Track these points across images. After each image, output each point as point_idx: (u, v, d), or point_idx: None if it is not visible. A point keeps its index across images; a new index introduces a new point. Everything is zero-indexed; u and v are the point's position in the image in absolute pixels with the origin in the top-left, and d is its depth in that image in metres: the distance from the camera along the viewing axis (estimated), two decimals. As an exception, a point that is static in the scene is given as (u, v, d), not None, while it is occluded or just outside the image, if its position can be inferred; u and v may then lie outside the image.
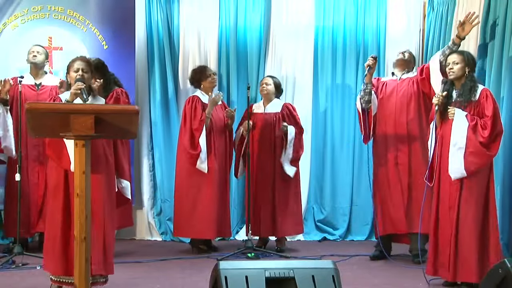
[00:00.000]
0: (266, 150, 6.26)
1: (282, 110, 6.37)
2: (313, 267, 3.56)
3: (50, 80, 6.18)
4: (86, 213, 3.38)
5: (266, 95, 6.36)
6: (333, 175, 7.21)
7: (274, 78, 6.46)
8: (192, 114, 6.18)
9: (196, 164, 6.07)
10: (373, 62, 5.80)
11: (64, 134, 3.41)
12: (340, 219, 7.16)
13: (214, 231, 6.16)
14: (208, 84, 6.31)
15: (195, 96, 6.30)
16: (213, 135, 6.20)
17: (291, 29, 7.15)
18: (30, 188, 5.94)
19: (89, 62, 4.52)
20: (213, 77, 6.34)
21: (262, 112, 6.35)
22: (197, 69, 6.48)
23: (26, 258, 5.50)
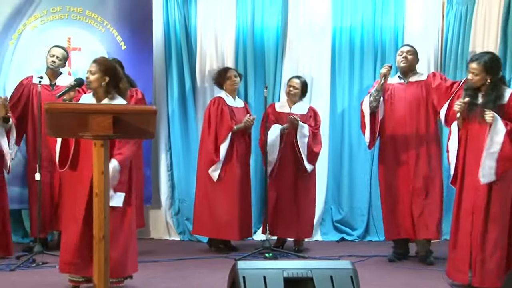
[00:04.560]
0: (289, 151, 6.23)
1: (308, 112, 6.34)
2: (331, 268, 3.55)
3: (65, 80, 6.20)
4: (105, 212, 3.38)
5: (293, 96, 6.33)
6: (351, 175, 7.18)
7: (301, 79, 6.42)
8: (218, 118, 6.17)
9: (209, 169, 6.09)
10: (389, 71, 5.73)
11: (83, 134, 3.42)
12: (358, 219, 7.12)
13: (237, 233, 6.17)
14: (229, 86, 6.31)
15: (220, 98, 6.28)
16: (235, 137, 6.20)
17: (308, 29, 7.12)
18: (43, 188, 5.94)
19: (102, 63, 4.51)
20: (234, 79, 6.31)
21: (288, 112, 6.32)
22: (219, 70, 6.48)
23: (46, 257, 5.53)
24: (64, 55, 6.18)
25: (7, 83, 6.44)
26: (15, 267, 5.32)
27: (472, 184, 4.76)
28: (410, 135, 5.73)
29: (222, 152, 6.10)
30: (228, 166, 6.16)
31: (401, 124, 5.75)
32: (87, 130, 3.36)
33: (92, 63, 4.52)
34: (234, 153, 6.17)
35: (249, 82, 7.11)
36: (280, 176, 6.24)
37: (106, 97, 4.52)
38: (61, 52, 6.16)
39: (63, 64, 6.18)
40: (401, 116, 5.75)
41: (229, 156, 6.15)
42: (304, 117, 6.30)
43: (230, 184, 6.15)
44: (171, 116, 7.06)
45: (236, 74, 6.38)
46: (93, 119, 3.34)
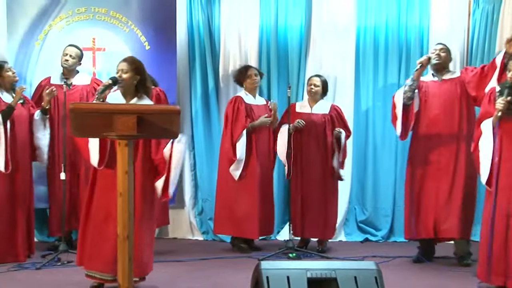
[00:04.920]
0: (313, 151, 6.22)
1: (330, 112, 6.32)
2: (356, 268, 3.53)
3: (81, 79, 6.25)
4: (129, 211, 3.40)
5: (313, 95, 6.32)
6: (375, 175, 7.13)
7: (322, 77, 6.40)
8: (233, 117, 6.19)
9: (230, 169, 6.11)
10: (426, 62, 5.66)
11: (107, 134, 3.44)
12: (382, 220, 7.08)
13: (257, 231, 6.17)
14: (249, 85, 6.31)
15: (238, 97, 6.30)
16: (256, 134, 6.19)
17: (332, 28, 7.09)
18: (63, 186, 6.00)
19: (132, 63, 4.54)
20: (254, 78, 6.31)
21: (309, 112, 6.31)
22: (239, 68, 6.49)
23: (71, 256, 5.57)
24: (78, 54, 6.20)
25: (33, 83, 6.50)
26: (40, 266, 5.38)
27: (507, 185, 4.66)
28: (444, 133, 5.65)
29: (239, 151, 6.10)
30: (249, 165, 6.16)
31: (435, 122, 5.66)
32: (112, 130, 3.38)
33: (122, 62, 4.53)
34: (254, 152, 6.17)
35: (273, 82, 7.10)
36: (306, 176, 6.22)
37: (135, 96, 4.55)
38: (74, 50, 6.19)
39: (77, 62, 6.20)
40: (435, 115, 5.67)
41: (249, 154, 6.15)
42: (326, 116, 6.28)
43: (250, 182, 6.15)
44: (194, 116, 7.09)
45: (256, 73, 6.38)
46: (118, 119, 3.36)
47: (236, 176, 6.14)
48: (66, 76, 6.06)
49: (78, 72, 6.28)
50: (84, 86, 6.21)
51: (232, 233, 6.33)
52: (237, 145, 6.12)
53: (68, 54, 6.15)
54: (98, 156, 4.38)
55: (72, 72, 6.21)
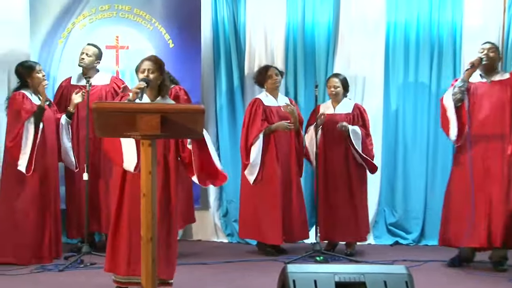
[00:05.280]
0: (337, 152, 6.20)
1: (353, 111, 6.30)
2: (385, 272, 3.51)
3: (101, 79, 6.30)
4: (153, 212, 3.42)
5: (335, 96, 6.30)
6: (405, 176, 7.08)
7: (340, 76, 6.38)
8: (250, 120, 6.20)
9: (245, 172, 6.13)
10: (478, 62, 5.52)
11: (130, 134, 3.45)
12: (413, 222, 7.02)
13: (280, 236, 6.15)
14: (270, 85, 6.30)
15: (257, 99, 6.31)
16: (276, 137, 6.19)
17: (361, 25, 7.05)
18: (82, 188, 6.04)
19: (157, 61, 4.59)
20: (275, 78, 6.29)
21: (332, 113, 6.29)
22: (259, 69, 6.49)
23: (94, 258, 5.63)
24: (95, 52, 6.25)
25: (57, 82, 6.58)
26: (63, 268, 5.44)
27: None
28: (493, 137, 5.51)
29: (253, 155, 6.12)
30: (267, 168, 6.16)
31: (484, 125, 5.53)
32: (135, 129, 3.40)
33: (147, 61, 4.57)
34: (274, 154, 6.16)
35: (299, 81, 7.09)
36: (331, 177, 6.21)
37: (158, 95, 4.60)
38: (92, 49, 6.24)
39: (94, 61, 6.25)
40: (484, 117, 5.54)
41: (268, 157, 6.15)
42: (349, 116, 6.26)
43: (270, 186, 6.15)
44: (219, 115, 7.11)
45: (277, 72, 6.36)
46: (141, 118, 3.37)
47: (251, 181, 6.16)
48: (86, 76, 6.10)
49: (98, 71, 6.34)
50: (103, 86, 6.26)
51: (257, 238, 6.34)
52: (252, 149, 6.13)
53: (85, 53, 6.21)
54: (136, 160, 4.34)
55: (92, 71, 6.25)
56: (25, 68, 5.75)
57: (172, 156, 4.57)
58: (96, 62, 6.27)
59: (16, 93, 5.71)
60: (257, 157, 6.13)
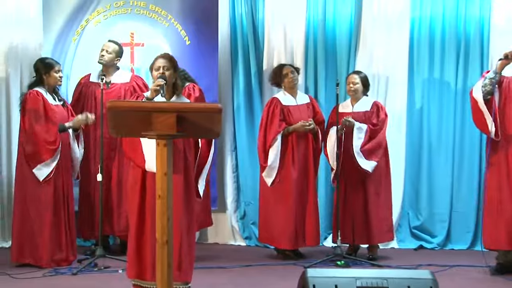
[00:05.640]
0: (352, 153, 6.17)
1: (371, 108, 6.27)
2: (409, 277, 3.49)
3: (121, 77, 6.33)
4: (168, 215, 3.42)
5: (354, 94, 6.28)
6: (430, 178, 7.04)
7: (360, 74, 6.36)
8: (268, 121, 6.19)
9: (262, 173, 6.12)
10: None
11: (146, 133, 3.46)
12: (438, 225, 6.98)
13: (291, 241, 6.15)
14: (288, 84, 6.29)
15: (274, 99, 6.31)
16: (293, 139, 6.18)
17: (384, 20, 7.02)
18: (96, 189, 6.08)
19: (170, 59, 4.65)
20: (291, 76, 6.28)
21: (350, 112, 6.27)
22: (273, 70, 6.49)
23: (108, 261, 5.66)
24: (116, 49, 6.28)
25: (70, 81, 6.64)
26: (77, 271, 5.47)
27: None
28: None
29: (271, 157, 6.12)
30: (283, 171, 6.16)
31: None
32: (150, 129, 3.41)
33: (161, 59, 4.62)
34: (290, 156, 6.15)
35: (320, 79, 7.07)
36: (350, 178, 6.19)
37: (173, 94, 4.64)
38: (112, 46, 6.27)
39: (115, 58, 6.28)
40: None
41: (285, 159, 6.15)
42: (367, 114, 6.23)
43: (284, 189, 6.15)
44: (236, 114, 7.11)
45: (292, 70, 6.34)
46: (156, 117, 3.38)
47: (268, 183, 6.17)
48: (104, 73, 6.12)
49: (118, 68, 6.37)
50: (122, 85, 6.29)
51: (272, 243, 6.35)
52: (270, 151, 6.13)
53: (105, 50, 6.24)
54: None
55: (111, 68, 6.29)
56: (44, 65, 5.79)
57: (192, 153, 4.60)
58: (116, 59, 6.31)
59: (33, 92, 5.73)
60: (276, 159, 6.14)
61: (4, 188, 6.74)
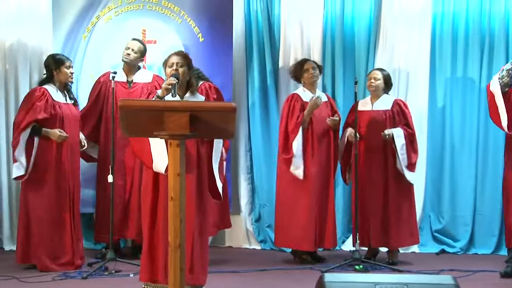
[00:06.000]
0: (375, 152, 6.17)
1: (392, 107, 6.25)
2: (430, 283, 3.49)
3: (143, 76, 6.36)
4: (181, 217, 3.43)
5: (374, 91, 6.27)
6: (452, 179, 7.02)
7: (383, 71, 6.35)
8: (289, 114, 6.19)
9: (290, 169, 6.09)
10: None
11: (158, 133, 3.48)
12: (461, 229, 6.96)
13: (312, 242, 6.15)
14: (307, 80, 6.29)
15: (294, 94, 6.30)
16: (313, 137, 6.18)
17: (405, 16, 7.00)
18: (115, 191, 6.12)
19: (185, 56, 4.68)
20: (311, 72, 6.27)
21: (370, 110, 6.26)
22: (295, 63, 6.48)
23: (119, 265, 5.68)
24: (141, 49, 6.32)
25: (80, 80, 6.67)
26: (87, 275, 5.49)
27: None
28: None
29: (295, 146, 6.07)
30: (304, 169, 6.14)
31: None
32: (163, 128, 3.42)
33: (174, 56, 4.65)
34: (310, 155, 6.14)
35: (338, 77, 7.07)
36: (369, 179, 6.18)
37: (187, 92, 4.67)
38: (137, 45, 6.31)
39: (140, 58, 6.33)
40: None
41: (306, 158, 6.13)
42: (388, 113, 6.22)
43: (306, 188, 6.13)
44: (251, 114, 7.12)
45: (314, 66, 6.34)
46: (169, 117, 3.39)
47: (300, 175, 6.10)
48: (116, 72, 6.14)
49: (139, 68, 6.40)
50: (145, 84, 6.30)
51: (290, 246, 6.33)
52: (293, 144, 6.10)
53: (131, 48, 6.27)
54: (166, 160, 4.33)
55: (134, 68, 6.33)
56: (55, 61, 5.82)
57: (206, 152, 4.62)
58: (140, 59, 6.35)
59: (37, 88, 5.77)
60: (299, 149, 6.09)
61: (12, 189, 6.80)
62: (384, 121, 6.19)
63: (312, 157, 6.16)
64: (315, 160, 6.16)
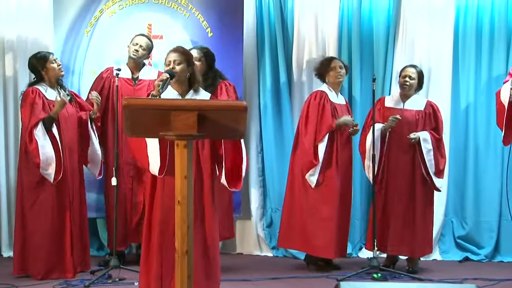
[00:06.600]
0: (403, 153, 6.16)
1: (425, 109, 6.24)
2: (453, 293, 3.48)
3: (148, 73, 6.38)
4: (189, 223, 3.44)
5: (408, 90, 6.24)
6: (476, 183, 7.01)
7: (417, 68, 6.32)
8: (318, 115, 6.15)
9: (307, 174, 6.10)
10: None
11: (164, 134, 3.48)
12: (485, 235, 6.95)
13: (334, 250, 6.14)
14: (333, 79, 6.27)
15: (323, 92, 6.25)
16: (337, 140, 6.17)
17: (426, 9, 7.00)
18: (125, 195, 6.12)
19: (184, 52, 4.66)
20: (339, 70, 6.24)
21: (401, 108, 6.23)
22: (322, 59, 6.45)
23: (124, 273, 5.69)
24: (149, 45, 6.34)
25: (83, 76, 6.68)
26: (89, 283, 5.50)
27: None
28: None
29: (320, 154, 6.08)
30: (328, 172, 6.14)
31: None
32: (169, 128, 3.42)
33: (172, 53, 4.66)
34: (334, 158, 6.13)
35: (355, 74, 7.05)
36: (394, 183, 6.17)
37: (190, 90, 4.67)
38: (145, 41, 6.32)
39: (147, 55, 6.35)
40: None
41: (328, 161, 6.13)
42: (420, 113, 6.20)
43: (328, 192, 6.13)
44: (263, 113, 7.11)
45: (342, 66, 6.32)
46: (176, 116, 3.39)
47: (313, 183, 6.12)
48: (120, 68, 6.16)
49: (144, 65, 6.42)
50: (151, 81, 6.31)
51: (303, 249, 6.33)
52: (319, 147, 6.09)
53: (139, 45, 6.28)
54: (159, 162, 4.39)
55: (139, 65, 6.35)
56: (38, 60, 5.83)
57: (206, 154, 4.61)
58: (147, 56, 6.39)
59: (30, 89, 5.78)
60: (322, 156, 6.09)
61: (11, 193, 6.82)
62: (416, 122, 6.18)
63: (336, 161, 6.15)
64: (338, 164, 6.16)
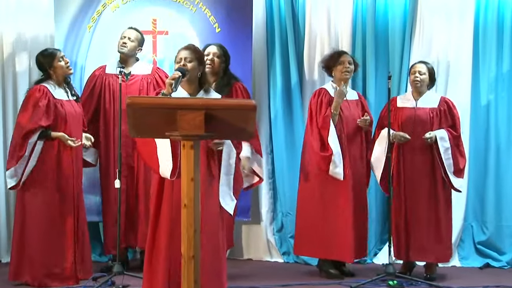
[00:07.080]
0: (419, 154, 6.15)
1: (439, 106, 6.22)
2: (473, 301, 3.46)
3: (141, 68, 6.38)
4: (195, 227, 3.44)
5: (419, 86, 6.22)
6: (497, 185, 6.99)
7: (427, 64, 6.31)
8: (317, 110, 6.18)
9: (329, 169, 6.07)
10: None
11: (170, 134, 3.48)
12: (507, 241, 6.93)
13: (352, 253, 6.14)
14: (339, 74, 6.25)
15: (322, 89, 6.30)
16: (344, 136, 6.16)
17: (445, 3, 6.99)
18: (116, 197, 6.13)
19: (195, 50, 4.70)
20: (347, 66, 6.23)
21: (413, 107, 6.22)
22: (331, 53, 6.43)
23: (127, 279, 5.70)
24: (138, 37, 6.33)
25: (85, 73, 6.68)
26: (91, 290, 5.53)
27: None
28: None
29: (332, 143, 6.04)
30: None
31: None
32: (175, 128, 3.42)
33: (183, 50, 4.68)
34: (344, 157, 6.12)
35: (369, 71, 7.04)
36: (410, 185, 6.16)
37: (200, 89, 4.68)
38: (134, 33, 6.31)
39: (137, 47, 6.33)
40: None
41: None
42: (434, 111, 6.18)
43: (341, 193, 6.12)
44: (273, 113, 7.11)
45: (351, 61, 6.30)
46: (182, 115, 3.39)
47: (340, 176, 6.06)
48: (123, 64, 6.17)
49: (137, 59, 6.42)
50: (144, 76, 6.32)
51: (319, 255, 6.32)
52: (329, 139, 6.08)
53: (127, 37, 6.28)
54: (171, 165, 4.40)
55: (131, 59, 6.35)
56: (46, 57, 5.85)
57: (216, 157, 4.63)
58: (138, 49, 6.37)
59: (37, 87, 5.78)
60: (337, 145, 6.06)
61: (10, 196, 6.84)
62: (431, 119, 6.17)
63: (347, 158, 6.14)
64: (350, 161, 6.15)
